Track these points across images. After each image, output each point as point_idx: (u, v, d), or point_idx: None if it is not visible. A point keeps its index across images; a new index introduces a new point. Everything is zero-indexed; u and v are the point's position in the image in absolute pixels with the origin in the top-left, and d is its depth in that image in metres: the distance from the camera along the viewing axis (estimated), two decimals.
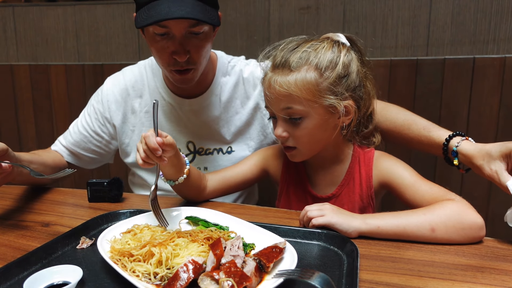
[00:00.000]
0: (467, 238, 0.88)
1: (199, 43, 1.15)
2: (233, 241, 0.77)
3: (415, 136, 1.09)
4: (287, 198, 1.16)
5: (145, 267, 0.72)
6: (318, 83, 0.96)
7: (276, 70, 1.00)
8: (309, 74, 0.96)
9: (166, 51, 1.14)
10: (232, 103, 1.36)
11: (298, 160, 1.08)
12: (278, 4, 1.76)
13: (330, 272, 0.76)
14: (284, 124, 1.01)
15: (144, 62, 1.40)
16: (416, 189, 0.98)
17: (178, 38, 1.12)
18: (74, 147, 1.39)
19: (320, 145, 1.05)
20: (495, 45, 1.62)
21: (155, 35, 1.13)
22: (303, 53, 0.98)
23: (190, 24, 1.10)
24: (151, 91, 1.36)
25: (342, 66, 0.98)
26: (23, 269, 0.76)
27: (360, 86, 1.02)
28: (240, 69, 1.37)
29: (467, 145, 0.99)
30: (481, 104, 1.64)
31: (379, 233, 0.89)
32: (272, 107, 1.02)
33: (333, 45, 1.00)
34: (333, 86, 0.97)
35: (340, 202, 1.08)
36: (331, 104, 0.97)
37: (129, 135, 1.38)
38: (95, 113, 1.39)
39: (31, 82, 2.09)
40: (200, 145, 1.37)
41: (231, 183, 1.18)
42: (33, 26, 2.05)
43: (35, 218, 1.05)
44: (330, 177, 1.11)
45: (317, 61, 0.97)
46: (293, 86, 0.96)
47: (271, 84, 1.00)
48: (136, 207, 1.05)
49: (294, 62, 0.97)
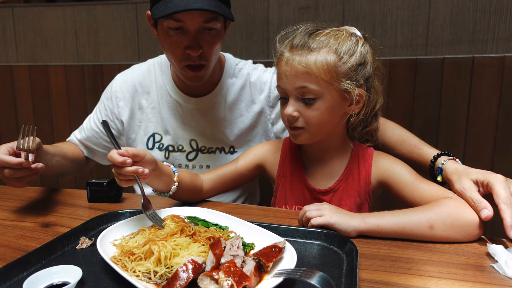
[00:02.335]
0: (465, 236, 0.88)
1: (212, 39, 1.19)
2: (232, 240, 0.77)
3: (407, 152, 1.16)
4: (283, 191, 1.15)
5: (145, 266, 0.72)
6: (336, 66, 0.97)
7: (295, 50, 1.00)
8: (329, 56, 0.97)
9: (180, 45, 1.18)
10: (237, 105, 1.38)
11: (301, 141, 1.06)
12: (277, 4, 1.76)
13: (329, 272, 0.76)
14: (296, 104, 1.01)
15: (154, 60, 1.44)
16: (415, 188, 0.98)
17: (192, 33, 1.16)
18: (87, 142, 1.45)
19: (326, 130, 1.05)
20: (494, 45, 1.62)
21: (169, 29, 1.17)
22: (323, 37, 0.99)
23: (205, 19, 1.15)
24: (158, 88, 1.39)
25: (360, 54, 1.00)
26: (22, 270, 0.76)
27: (372, 78, 1.04)
28: (247, 73, 1.39)
29: (452, 164, 1.03)
30: (480, 103, 1.64)
31: (379, 232, 0.89)
32: (286, 85, 1.01)
33: (351, 35, 1.02)
34: (350, 71, 0.99)
35: (338, 197, 1.08)
36: (346, 89, 0.99)
37: (136, 131, 1.41)
38: (105, 109, 1.44)
39: (31, 82, 2.09)
40: (202, 143, 1.38)
41: (227, 180, 1.18)
42: (32, 26, 2.05)
43: (34, 218, 1.05)
44: (329, 171, 1.11)
45: (336, 46, 0.98)
46: (312, 64, 0.96)
47: (289, 62, 0.99)
48: (136, 207, 1.05)
49: (315, 43, 0.98)
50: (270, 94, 1.38)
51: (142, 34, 1.94)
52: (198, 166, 1.39)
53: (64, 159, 1.32)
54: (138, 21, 1.93)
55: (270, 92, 1.38)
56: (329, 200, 1.08)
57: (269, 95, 1.38)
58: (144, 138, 1.40)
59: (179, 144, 1.38)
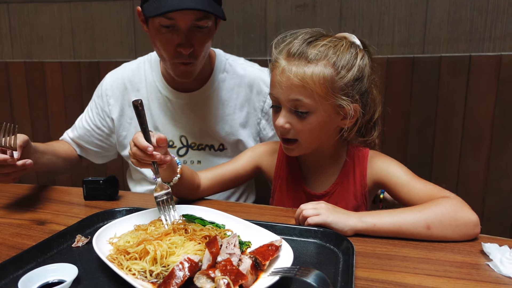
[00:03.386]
0: (462, 235, 0.88)
1: (203, 37, 1.20)
2: (229, 239, 0.77)
3: None
4: (280, 195, 1.16)
5: (141, 265, 0.72)
6: (333, 81, 0.95)
7: (292, 59, 0.96)
8: (326, 70, 0.94)
9: (171, 43, 1.18)
10: (229, 102, 1.37)
11: (295, 154, 1.06)
12: (275, 2, 1.75)
13: (326, 270, 0.76)
14: (288, 115, 0.98)
15: (144, 57, 1.44)
16: (411, 187, 0.98)
17: (183, 31, 1.16)
18: (79, 140, 1.46)
19: (318, 143, 1.04)
20: (491, 43, 1.62)
21: (160, 27, 1.17)
22: (322, 47, 0.95)
23: (197, 18, 1.15)
24: (148, 85, 1.38)
25: (358, 69, 0.97)
26: (18, 268, 0.75)
27: (367, 92, 1.01)
28: (243, 71, 1.39)
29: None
30: (477, 101, 1.65)
31: (375, 231, 0.89)
32: (279, 95, 0.98)
33: (351, 45, 0.99)
34: (347, 87, 0.96)
35: (334, 200, 1.08)
36: (340, 105, 0.96)
37: (127, 128, 1.42)
38: (96, 108, 1.44)
39: (26, 79, 2.08)
40: (192, 140, 1.38)
41: (224, 180, 1.17)
42: (28, 23, 2.04)
43: (30, 216, 1.05)
44: (325, 175, 1.10)
45: (335, 58, 0.95)
46: (309, 78, 0.93)
47: (284, 72, 0.96)
48: (132, 205, 1.05)
49: (313, 54, 0.95)
50: (266, 101, 1.39)
51: (138, 31, 1.93)
52: (190, 162, 1.39)
53: (55, 157, 1.32)
54: (134, 18, 1.92)
55: (266, 101, 1.39)
56: None
57: (265, 101, 1.39)
58: None
59: (170, 139, 1.39)
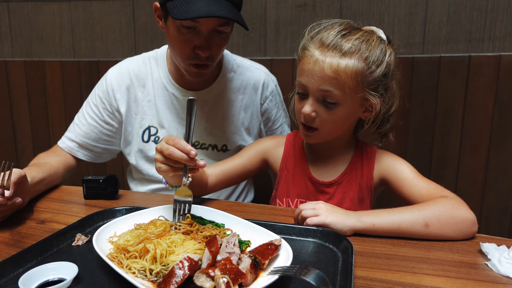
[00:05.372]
0: (460, 234, 0.89)
1: (221, 41, 1.21)
2: (228, 238, 0.77)
3: None
4: (285, 184, 1.16)
5: (141, 264, 0.73)
6: (364, 75, 0.97)
7: (325, 50, 0.98)
8: (359, 64, 0.96)
9: (190, 44, 1.18)
10: (236, 102, 1.39)
11: (313, 141, 1.09)
12: (275, 2, 1.75)
13: (325, 269, 0.76)
14: (316, 104, 1.00)
15: (148, 54, 1.43)
16: (414, 184, 1.00)
17: (204, 34, 1.17)
18: (84, 139, 1.38)
19: (338, 133, 1.07)
20: (491, 43, 1.62)
21: (181, 27, 1.17)
22: (355, 41, 0.98)
23: (219, 23, 1.16)
24: (154, 81, 1.38)
25: (386, 65, 1.00)
26: (18, 266, 0.76)
27: (390, 87, 1.04)
28: (254, 74, 1.41)
29: None
30: (476, 101, 1.65)
31: (374, 230, 0.89)
32: (309, 84, 0.99)
33: (380, 41, 1.01)
34: (375, 81, 0.99)
35: (341, 189, 1.10)
36: (366, 98, 0.99)
37: (132, 123, 1.40)
38: (102, 103, 1.39)
39: (26, 78, 2.08)
40: (196, 138, 1.39)
41: (232, 175, 1.18)
42: (28, 22, 2.04)
43: (30, 215, 1.05)
44: (333, 165, 1.12)
45: (368, 53, 0.97)
46: (342, 71, 0.95)
47: (318, 62, 0.97)
48: (132, 204, 1.05)
49: (347, 47, 0.96)
50: (266, 102, 1.41)
51: (138, 30, 1.93)
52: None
53: (53, 177, 1.24)
54: (134, 17, 1.92)
55: (264, 103, 1.41)
56: (333, 192, 1.10)
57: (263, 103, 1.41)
58: (140, 131, 1.39)
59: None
